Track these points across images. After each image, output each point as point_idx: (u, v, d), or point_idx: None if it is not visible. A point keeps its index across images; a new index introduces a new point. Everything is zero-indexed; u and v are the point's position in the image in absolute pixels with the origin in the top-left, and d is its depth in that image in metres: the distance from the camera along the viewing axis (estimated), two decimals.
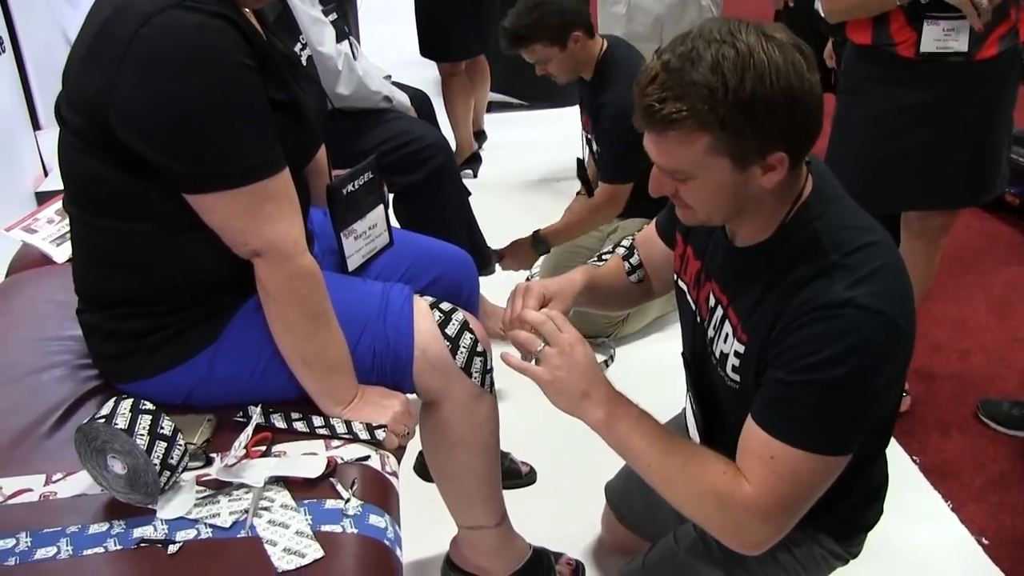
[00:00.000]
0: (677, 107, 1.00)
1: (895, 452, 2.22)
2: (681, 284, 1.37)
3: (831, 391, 1.05)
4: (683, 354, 1.41)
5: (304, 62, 2.12)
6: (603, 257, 1.52)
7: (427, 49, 3.70)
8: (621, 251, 1.51)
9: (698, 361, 1.33)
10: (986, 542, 1.93)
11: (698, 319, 1.30)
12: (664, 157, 1.07)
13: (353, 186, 1.48)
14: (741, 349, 1.17)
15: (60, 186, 2.40)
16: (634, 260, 1.49)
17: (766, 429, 1.09)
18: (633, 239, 1.52)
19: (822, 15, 2.22)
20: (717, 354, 1.23)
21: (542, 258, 2.77)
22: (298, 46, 2.08)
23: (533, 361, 1.21)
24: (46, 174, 3.13)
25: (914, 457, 2.20)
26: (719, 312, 1.23)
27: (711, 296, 1.25)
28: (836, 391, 1.05)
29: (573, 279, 1.39)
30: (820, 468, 1.09)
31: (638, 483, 1.52)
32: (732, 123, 1.00)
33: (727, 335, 1.20)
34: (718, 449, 1.18)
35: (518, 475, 2.06)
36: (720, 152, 1.03)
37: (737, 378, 1.19)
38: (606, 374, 1.26)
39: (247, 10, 1.29)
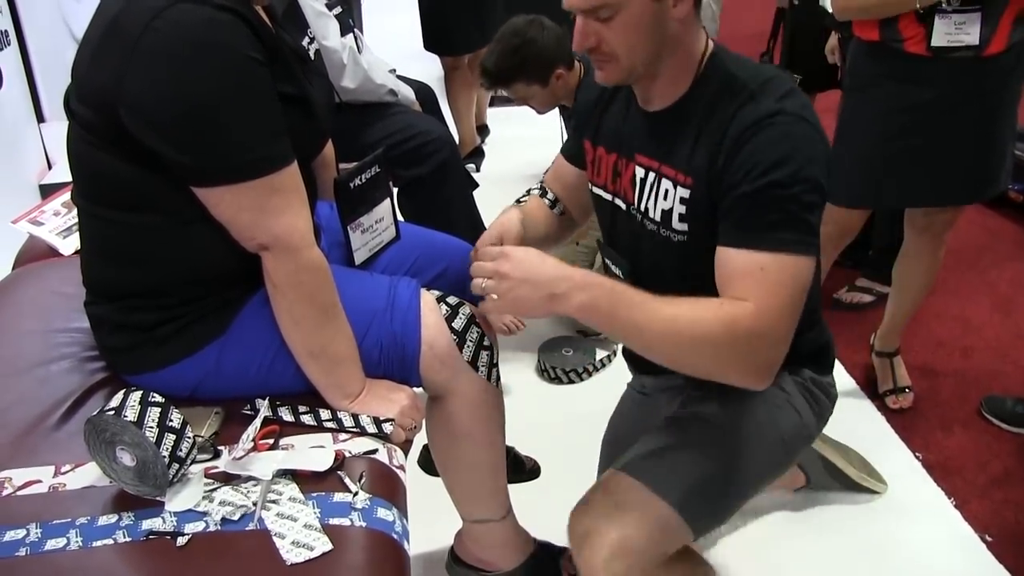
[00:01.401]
0: None
1: (898, 448, 2.23)
2: (597, 191, 1.44)
3: (786, 192, 1.15)
4: (598, 240, 1.50)
5: (312, 55, 2.11)
6: (521, 200, 1.59)
7: (430, 43, 3.71)
8: (535, 191, 1.59)
9: (631, 248, 1.38)
10: (990, 539, 1.93)
11: (623, 208, 1.38)
12: None
13: (361, 180, 1.48)
14: (687, 193, 1.25)
15: (64, 178, 2.40)
16: (551, 196, 1.57)
17: (746, 245, 1.16)
18: (542, 181, 1.60)
19: (829, 11, 2.22)
20: (658, 216, 1.29)
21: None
22: (306, 39, 2.08)
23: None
24: (50, 167, 3.13)
25: (917, 453, 2.21)
26: (651, 177, 1.30)
27: (637, 170, 1.32)
28: (789, 191, 1.15)
29: (511, 215, 1.49)
30: (802, 270, 1.17)
31: (630, 432, 1.55)
32: None
33: (666, 191, 1.27)
34: None
35: (523, 469, 2.06)
36: None
37: (685, 227, 1.26)
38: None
39: (256, 4, 1.28)
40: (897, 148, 2.05)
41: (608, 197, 1.40)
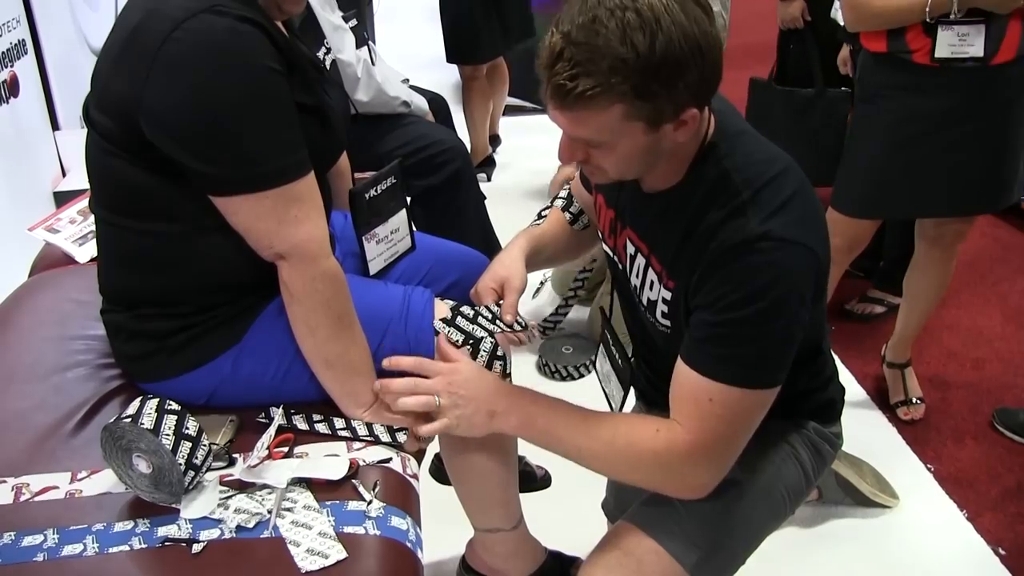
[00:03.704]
0: (589, 84, 1.00)
1: (909, 459, 2.22)
2: (600, 230, 1.38)
3: (757, 325, 1.08)
4: (601, 307, 1.46)
5: (328, 66, 2.13)
6: (543, 214, 1.52)
7: (454, 54, 3.70)
8: (559, 203, 1.52)
9: (629, 308, 1.35)
10: (1003, 552, 1.92)
11: (620, 267, 1.32)
12: (576, 130, 1.08)
13: (376, 191, 1.49)
14: (669, 296, 1.19)
15: (78, 186, 2.41)
16: (574, 209, 1.51)
17: (700, 371, 1.11)
18: (570, 188, 1.53)
19: (840, 24, 2.23)
20: (644, 301, 1.25)
21: (551, 269, 2.82)
22: (322, 51, 2.10)
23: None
24: (64, 174, 3.15)
25: (928, 465, 2.20)
26: (640, 260, 1.24)
27: (628, 243, 1.27)
28: (762, 324, 1.08)
29: (514, 254, 1.42)
30: (756, 403, 1.13)
31: (630, 489, 1.53)
32: (645, 90, 1.01)
33: (652, 282, 1.22)
34: (662, 389, 1.21)
35: (534, 479, 2.06)
36: (634, 118, 1.04)
37: (668, 323, 1.22)
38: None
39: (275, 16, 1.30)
40: (906, 158, 2.05)
41: (609, 251, 1.35)
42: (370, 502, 1.21)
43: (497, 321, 1.37)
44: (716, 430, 1.12)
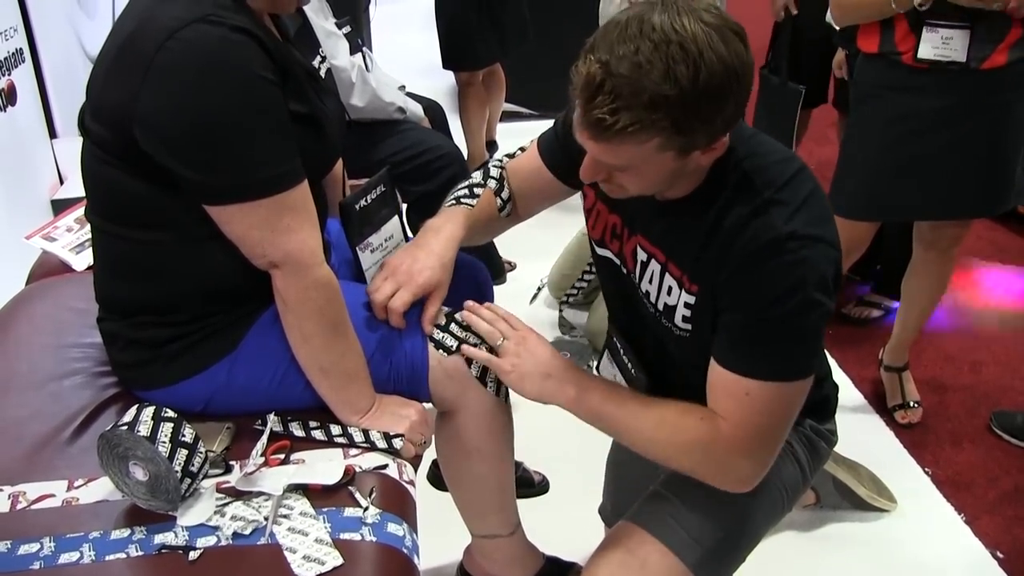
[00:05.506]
0: (630, 119, 0.99)
1: (907, 463, 2.22)
2: (600, 251, 1.37)
3: (790, 322, 1.10)
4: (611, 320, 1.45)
5: (323, 75, 2.13)
6: (475, 192, 1.47)
7: (451, 59, 3.71)
8: (492, 184, 1.47)
9: (630, 315, 1.34)
10: (1001, 556, 1.92)
11: (624, 271, 1.32)
12: (607, 157, 1.08)
13: (366, 201, 1.49)
14: (692, 300, 1.19)
15: (76, 194, 2.41)
16: (504, 195, 1.47)
17: (735, 370, 1.13)
18: (503, 168, 1.49)
19: (835, 28, 2.24)
20: (660, 307, 1.25)
21: (548, 274, 2.83)
22: (317, 59, 2.10)
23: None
24: (62, 182, 3.16)
25: (926, 469, 2.20)
26: (654, 266, 1.23)
27: (639, 250, 1.26)
28: (794, 320, 1.10)
29: (445, 256, 1.38)
30: (793, 394, 1.15)
31: (627, 494, 1.53)
32: (685, 125, 1.01)
33: (670, 287, 1.21)
34: (665, 394, 1.23)
35: (531, 484, 2.06)
36: (667, 148, 1.04)
37: (689, 327, 1.22)
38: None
39: (269, 24, 1.30)
40: (898, 158, 2.05)
41: (612, 256, 1.34)
42: (366, 508, 1.21)
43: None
44: (756, 423, 1.14)
